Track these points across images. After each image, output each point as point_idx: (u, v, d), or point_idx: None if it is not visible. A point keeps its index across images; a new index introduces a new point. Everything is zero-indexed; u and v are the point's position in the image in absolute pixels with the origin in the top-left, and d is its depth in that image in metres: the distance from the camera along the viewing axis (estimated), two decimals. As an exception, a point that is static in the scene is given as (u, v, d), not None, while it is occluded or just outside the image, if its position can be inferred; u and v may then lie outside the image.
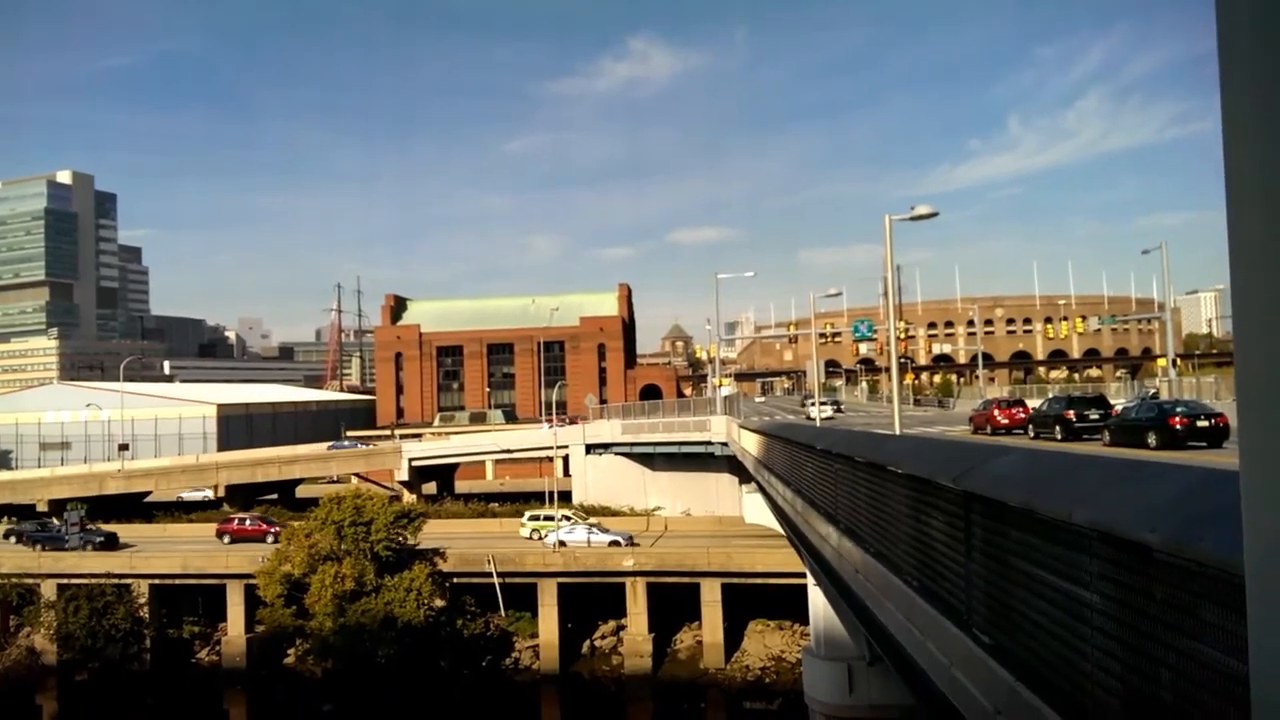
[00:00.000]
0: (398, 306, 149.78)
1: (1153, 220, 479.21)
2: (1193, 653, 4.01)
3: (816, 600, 27.93)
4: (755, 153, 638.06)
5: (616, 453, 71.73)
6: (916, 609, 9.02)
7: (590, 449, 72.82)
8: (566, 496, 69.34)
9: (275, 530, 59.80)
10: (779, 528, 34.62)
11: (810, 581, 28.08)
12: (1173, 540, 4.13)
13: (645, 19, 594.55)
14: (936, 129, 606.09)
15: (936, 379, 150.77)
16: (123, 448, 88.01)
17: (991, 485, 6.87)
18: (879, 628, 11.17)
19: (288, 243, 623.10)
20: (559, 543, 54.34)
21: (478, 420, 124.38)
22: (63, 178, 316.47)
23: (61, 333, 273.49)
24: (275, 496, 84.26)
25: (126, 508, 76.67)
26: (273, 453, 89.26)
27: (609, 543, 53.86)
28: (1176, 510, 4.30)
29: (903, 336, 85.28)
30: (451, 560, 51.94)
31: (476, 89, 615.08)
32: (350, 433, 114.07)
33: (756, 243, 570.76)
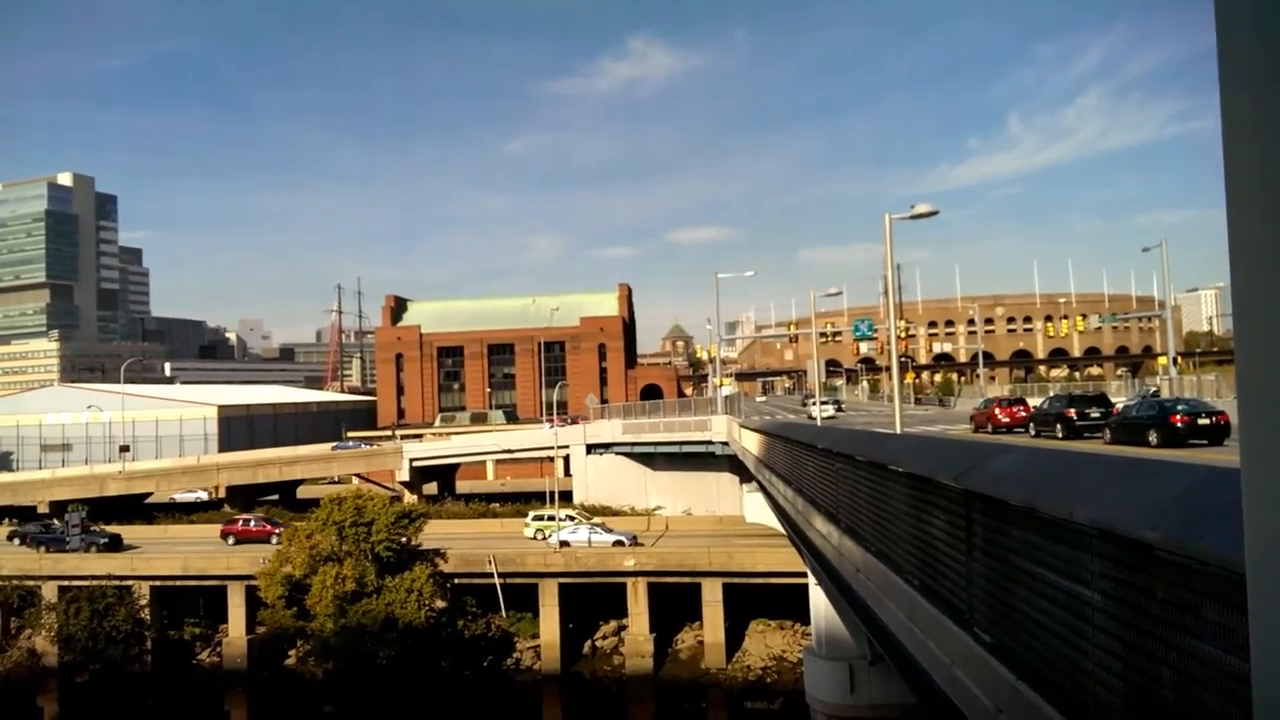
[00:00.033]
0: (398, 307, 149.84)
1: (1153, 218, 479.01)
2: (1194, 651, 4.01)
3: (818, 600, 27.95)
4: (755, 152, 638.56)
5: (617, 452, 71.75)
6: (918, 608, 9.02)
7: (591, 449, 72.85)
8: (567, 496, 69.33)
9: (280, 531, 59.79)
10: (780, 527, 34.64)
11: (811, 581, 28.09)
12: (1174, 538, 4.13)
13: (645, 19, 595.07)
14: (936, 128, 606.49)
15: (937, 378, 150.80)
16: (123, 449, 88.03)
17: (992, 484, 6.87)
18: (880, 627, 11.17)
19: (288, 243, 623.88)
20: (562, 543, 54.32)
21: (479, 421, 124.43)
22: (63, 179, 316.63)
23: (62, 335, 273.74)
24: (276, 497, 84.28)
25: (127, 509, 76.68)
26: (273, 453, 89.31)
27: (613, 542, 53.85)
28: (1177, 508, 4.30)
29: (903, 335, 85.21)
30: (452, 561, 51.95)
31: (476, 89, 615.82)
32: (351, 433, 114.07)
33: (756, 242, 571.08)
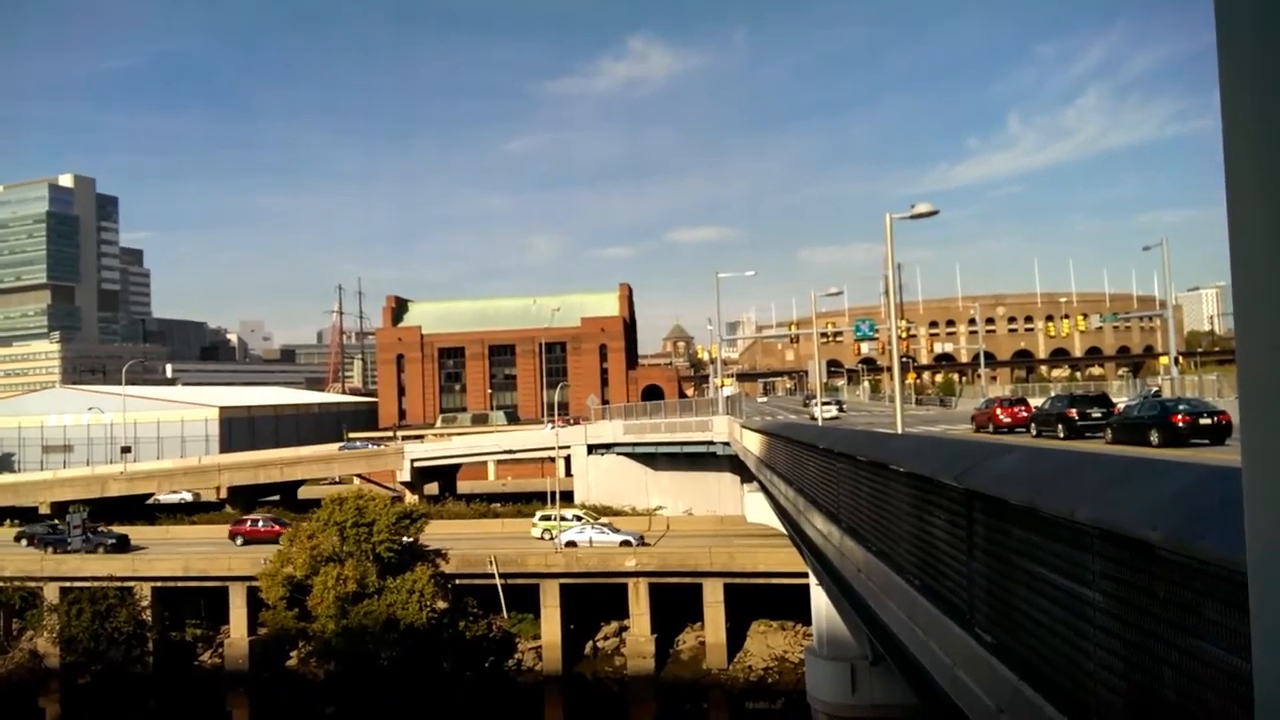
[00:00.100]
0: (399, 308, 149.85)
1: (1153, 217, 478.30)
2: (1195, 651, 4.00)
3: (819, 600, 27.93)
4: (755, 152, 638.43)
5: (618, 453, 71.77)
6: (919, 608, 9.01)
7: (592, 449, 72.88)
8: (568, 497, 69.33)
9: (288, 532, 59.70)
10: (781, 527, 34.61)
11: (813, 581, 28.07)
12: (1175, 538, 4.12)
13: (645, 19, 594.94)
14: (936, 128, 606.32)
15: (938, 378, 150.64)
16: (125, 450, 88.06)
17: (994, 484, 6.86)
18: (881, 627, 11.17)
19: (288, 243, 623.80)
20: (569, 543, 54.27)
21: (480, 421, 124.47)
22: (64, 181, 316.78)
23: (63, 336, 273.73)
24: (277, 498, 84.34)
25: (129, 510, 76.75)
26: (275, 454, 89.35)
27: (620, 542, 53.81)
28: (1178, 508, 4.29)
29: (904, 335, 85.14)
30: (454, 561, 51.95)
31: (476, 89, 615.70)
32: (356, 434, 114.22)
33: (756, 242, 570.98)
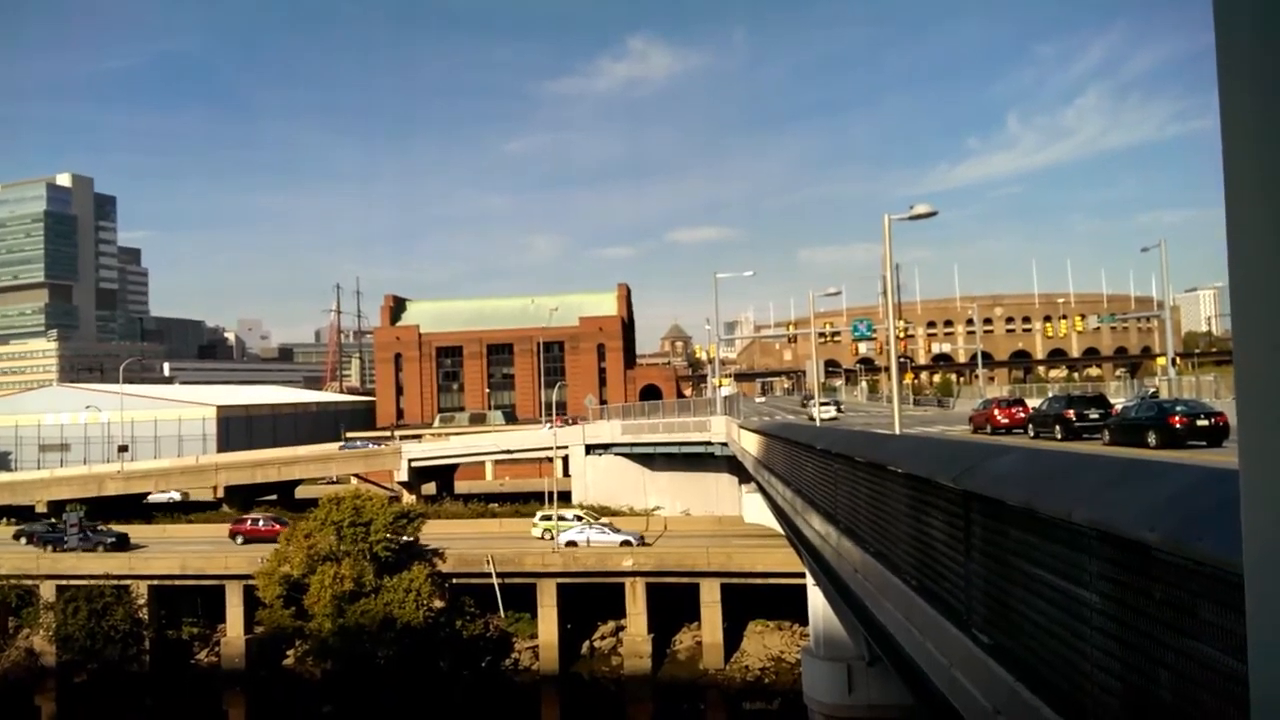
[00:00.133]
0: (397, 307, 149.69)
1: (1152, 218, 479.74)
2: (1192, 652, 4.00)
3: (816, 600, 27.95)
4: (754, 152, 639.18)
5: (616, 453, 71.74)
6: (916, 609, 9.01)
7: (590, 449, 72.84)
8: (566, 497, 69.33)
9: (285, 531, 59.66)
10: (778, 527, 34.61)
11: (810, 581, 28.09)
12: (1172, 539, 4.12)
13: (644, 19, 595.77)
14: (936, 128, 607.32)
15: (936, 378, 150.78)
16: (122, 449, 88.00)
17: (991, 484, 6.86)
18: (878, 628, 11.17)
19: (288, 243, 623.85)
20: (569, 543, 54.25)
21: (477, 421, 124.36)
22: (62, 180, 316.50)
23: (61, 334, 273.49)
24: (274, 497, 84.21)
25: (126, 509, 76.61)
26: (272, 454, 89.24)
27: (620, 542, 53.79)
28: (1175, 509, 4.29)
29: (902, 336, 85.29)
30: (451, 561, 51.92)
31: (476, 89, 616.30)
32: (356, 434, 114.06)
33: (756, 242, 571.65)
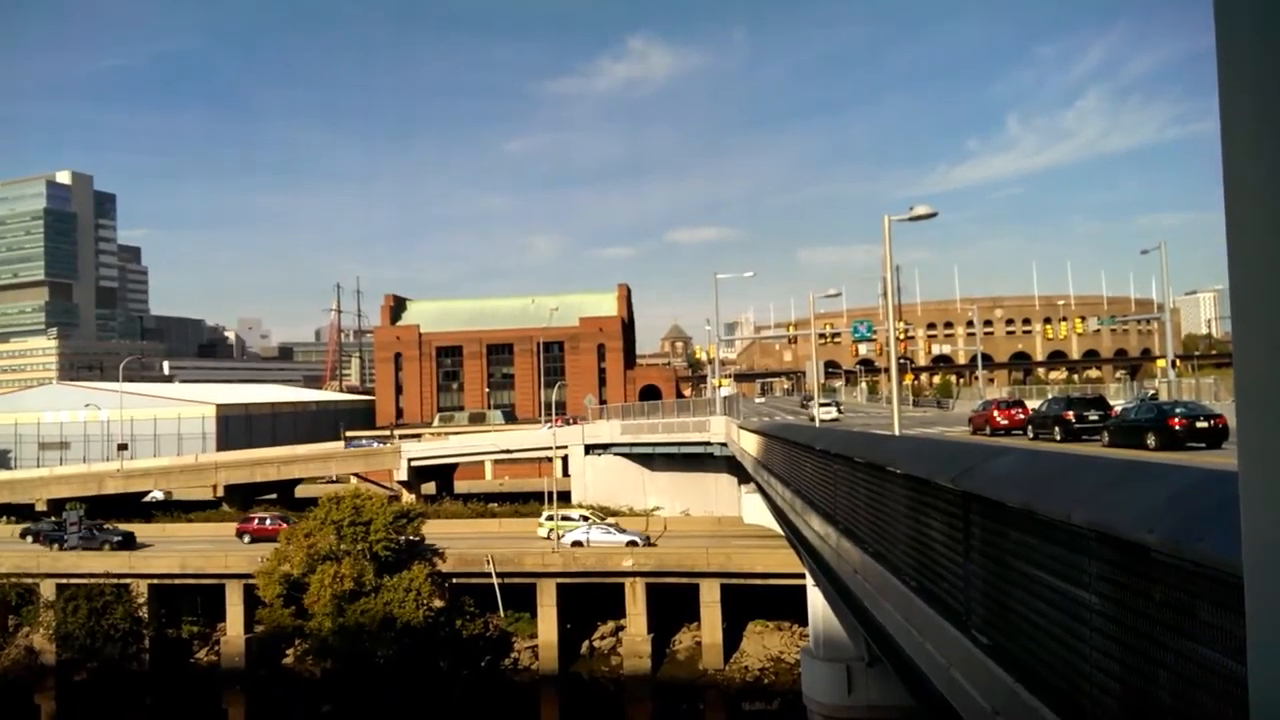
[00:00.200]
0: (397, 307, 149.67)
1: (1152, 220, 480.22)
2: (1191, 653, 4.01)
3: (815, 601, 27.94)
4: (754, 152, 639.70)
5: (615, 453, 71.73)
6: (915, 609, 9.01)
7: (589, 449, 72.82)
8: (565, 497, 69.29)
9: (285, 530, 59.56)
10: (778, 528, 34.61)
11: (809, 582, 28.09)
12: (1171, 541, 4.12)
13: (644, 18, 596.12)
14: (936, 128, 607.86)
15: (936, 380, 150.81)
16: (121, 448, 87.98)
17: (990, 486, 6.86)
18: (878, 628, 11.17)
19: (288, 243, 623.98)
20: (575, 543, 54.22)
21: (477, 421, 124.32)
22: (62, 178, 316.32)
23: (61, 333, 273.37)
24: (274, 496, 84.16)
25: (126, 507, 76.61)
26: (272, 453, 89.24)
27: (626, 543, 53.76)
28: (1175, 511, 4.29)
29: (902, 337, 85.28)
30: (450, 560, 51.91)
31: (476, 89, 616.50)
32: (356, 433, 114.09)
33: (756, 242, 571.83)
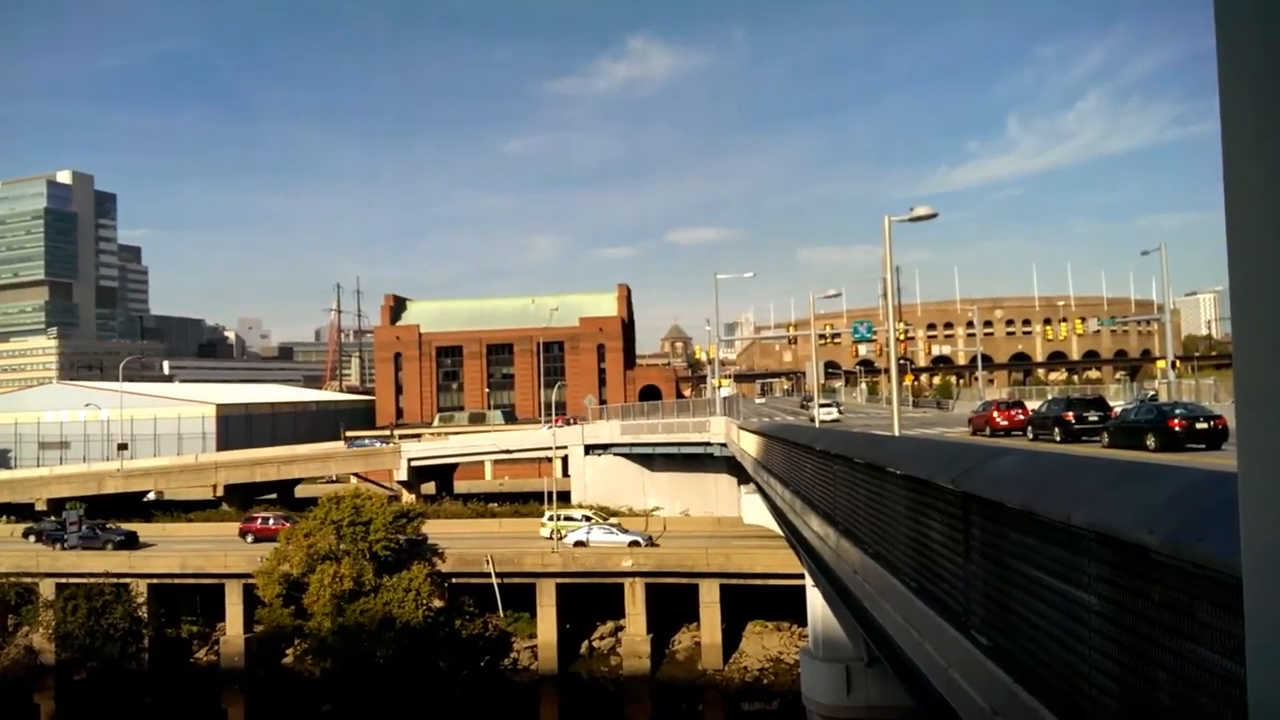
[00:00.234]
0: (397, 307, 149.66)
1: (1152, 221, 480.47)
2: (1190, 654, 4.01)
3: (815, 601, 27.94)
4: (754, 152, 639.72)
5: (615, 453, 71.73)
6: (915, 610, 9.01)
7: (589, 449, 72.83)
8: (565, 497, 69.29)
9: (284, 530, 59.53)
10: (777, 528, 34.61)
11: (809, 582, 28.09)
12: (1171, 542, 4.12)
13: (644, 18, 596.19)
14: (936, 128, 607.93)
15: (936, 380, 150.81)
16: (121, 447, 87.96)
17: (990, 486, 6.86)
18: (877, 629, 11.17)
19: (288, 243, 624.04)
20: (577, 543, 54.24)
21: (477, 421, 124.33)
22: (62, 177, 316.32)
23: (61, 332, 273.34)
24: (274, 496, 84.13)
25: (126, 507, 76.59)
26: (271, 452, 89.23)
27: (629, 543, 53.81)
28: (1175, 512, 4.29)
29: (902, 338, 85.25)
30: (450, 560, 51.91)
31: (476, 89, 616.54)
32: (357, 433, 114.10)
33: (756, 243, 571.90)
